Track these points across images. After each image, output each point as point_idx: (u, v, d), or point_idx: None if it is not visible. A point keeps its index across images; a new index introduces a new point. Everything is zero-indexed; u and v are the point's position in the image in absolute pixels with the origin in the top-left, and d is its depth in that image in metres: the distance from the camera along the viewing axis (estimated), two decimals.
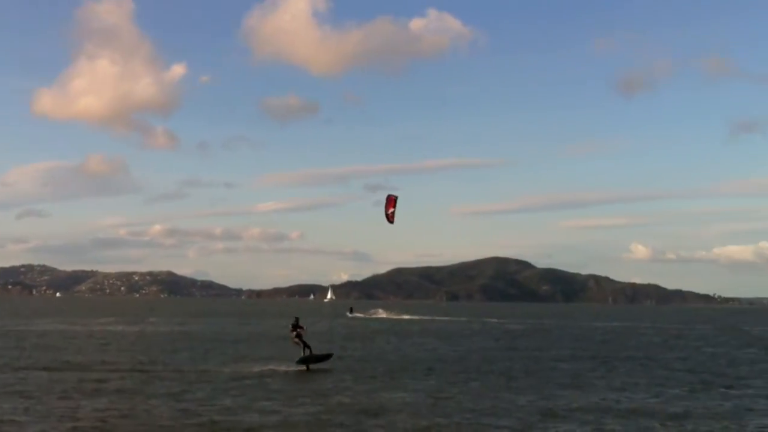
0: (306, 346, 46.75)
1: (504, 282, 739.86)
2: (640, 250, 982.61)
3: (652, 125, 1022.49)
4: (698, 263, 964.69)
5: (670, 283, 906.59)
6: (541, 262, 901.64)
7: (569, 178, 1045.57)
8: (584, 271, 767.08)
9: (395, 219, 46.51)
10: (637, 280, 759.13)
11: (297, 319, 48.28)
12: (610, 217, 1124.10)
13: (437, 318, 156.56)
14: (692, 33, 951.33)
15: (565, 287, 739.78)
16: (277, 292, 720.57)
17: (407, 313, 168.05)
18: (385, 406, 31.75)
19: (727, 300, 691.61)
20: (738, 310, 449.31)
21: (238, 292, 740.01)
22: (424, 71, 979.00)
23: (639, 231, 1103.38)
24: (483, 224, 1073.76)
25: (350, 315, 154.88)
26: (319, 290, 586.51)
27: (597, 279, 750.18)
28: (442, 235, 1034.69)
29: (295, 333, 47.16)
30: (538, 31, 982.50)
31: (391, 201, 46.52)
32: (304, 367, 45.34)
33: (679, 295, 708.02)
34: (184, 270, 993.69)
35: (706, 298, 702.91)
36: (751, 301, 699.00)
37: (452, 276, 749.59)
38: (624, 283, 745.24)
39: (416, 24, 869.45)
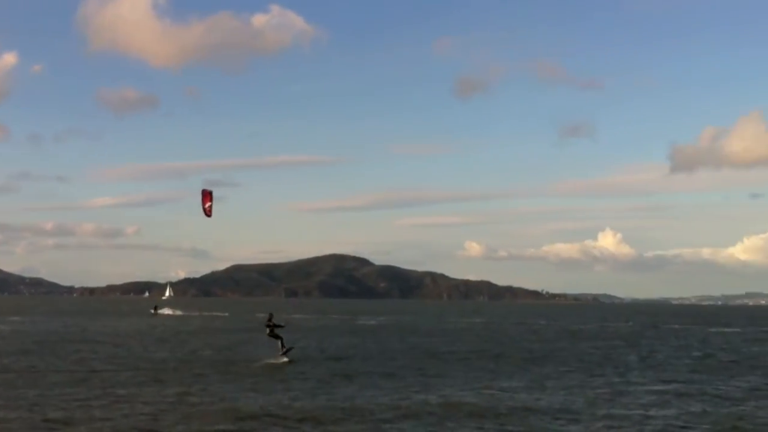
0: (280, 338, 51.29)
1: (342, 279, 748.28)
2: (473, 248, 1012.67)
3: (487, 126, 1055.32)
4: (528, 260, 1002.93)
5: (501, 280, 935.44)
6: (379, 260, 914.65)
7: (407, 177, 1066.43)
8: (421, 269, 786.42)
9: (213, 213, 46.78)
10: (471, 276, 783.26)
11: (271, 315, 52.78)
12: (446, 216, 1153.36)
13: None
14: (526, 38, 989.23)
15: (403, 284, 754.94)
16: (111, 289, 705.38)
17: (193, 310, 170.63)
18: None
19: (554, 296, 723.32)
20: (567, 305, 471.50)
21: (70, 289, 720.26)
22: (266, 67, 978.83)
23: (473, 229, 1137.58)
24: (322, 221, 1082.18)
25: (153, 313, 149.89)
26: (155, 287, 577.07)
27: (433, 276, 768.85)
28: (281, 232, 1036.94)
29: (269, 330, 51.62)
30: (380, 31, 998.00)
31: (207, 195, 46.99)
32: (286, 359, 49.79)
33: (510, 291, 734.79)
34: (11, 267, 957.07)
35: (536, 294, 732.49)
36: (576, 297, 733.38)
37: (291, 273, 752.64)
38: (458, 279, 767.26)
39: (258, 20, 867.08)
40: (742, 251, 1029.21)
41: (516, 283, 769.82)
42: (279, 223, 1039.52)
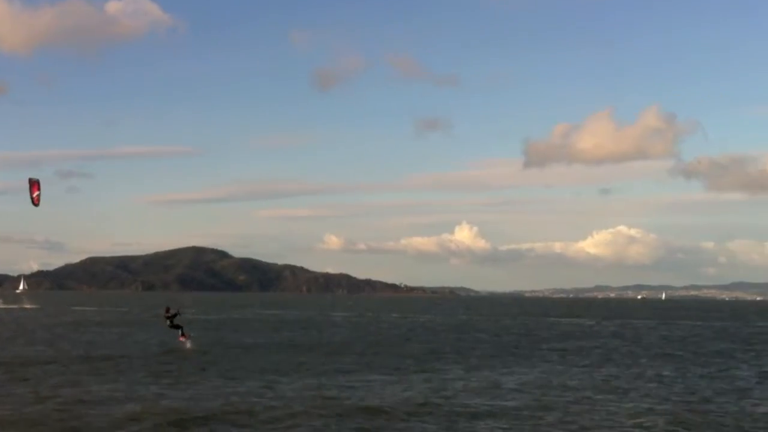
0: (180, 327, 58.02)
1: (201, 271, 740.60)
2: (333, 241, 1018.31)
3: (346, 120, 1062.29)
4: (387, 254, 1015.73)
5: (360, 273, 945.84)
6: (238, 252, 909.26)
7: (267, 169, 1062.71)
8: (281, 261, 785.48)
9: (40, 202, 47.53)
10: (330, 269, 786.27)
11: (168, 308, 58.77)
12: (306, 208, 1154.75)
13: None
14: (384, 32, 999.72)
15: (262, 277, 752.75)
16: None
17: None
18: None
19: (412, 289, 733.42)
20: (430, 299, 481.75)
21: None
22: (122, 55, 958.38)
23: (333, 222, 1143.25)
24: (180, 213, 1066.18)
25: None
26: (6, 280, 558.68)
27: (293, 269, 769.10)
28: (138, 224, 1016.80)
29: (168, 321, 58.18)
30: (237, 22, 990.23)
31: (34, 184, 47.49)
32: (189, 345, 56.77)
33: (369, 284, 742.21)
34: None
35: (394, 287, 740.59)
36: (433, 290, 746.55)
37: (148, 266, 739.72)
38: (318, 272, 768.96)
39: (113, 6, 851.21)
40: (591, 245, 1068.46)
41: (375, 276, 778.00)
42: (136, 215, 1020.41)
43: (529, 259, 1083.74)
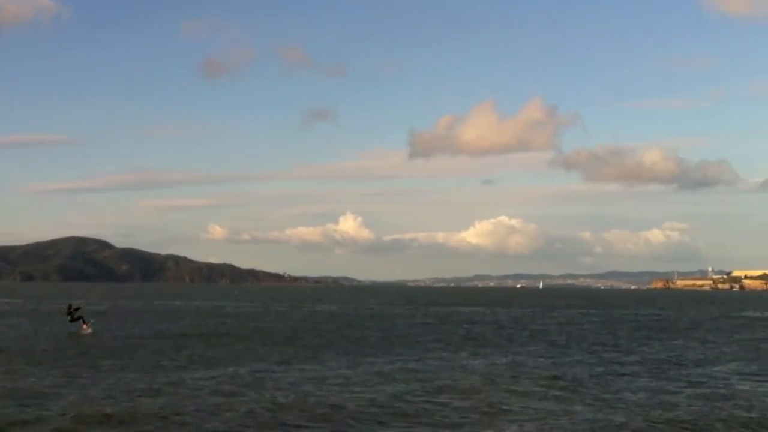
0: (81, 318, 64.41)
1: (82, 262, 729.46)
2: (217, 231, 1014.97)
3: (234, 110, 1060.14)
4: (271, 243, 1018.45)
5: (244, 263, 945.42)
6: (120, 242, 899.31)
7: (151, 158, 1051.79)
8: (164, 251, 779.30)
9: None
10: (214, 259, 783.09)
11: (70, 304, 65.61)
12: (190, 198, 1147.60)
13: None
14: (273, 23, 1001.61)
15: (145, 267, 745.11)
16: None
17: None
18: None
19: (296, 278, 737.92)
20: (313, 288, 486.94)
21: None
22: (4, 41, 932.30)
23: (217, 212, 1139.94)
24: (61, 202, 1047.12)
25: None
26: None
27: (176, 259, 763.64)
28: (17, 214, 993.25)
29: (70, 317, 64.41)
30: (126, 10, 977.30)
31: None
32: (90, 330, 62.48)
33: (253, 274, 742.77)
34: None
35: (277, 276, 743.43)
36: (317, 280, 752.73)
37: (27, 256, 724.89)
38: (201, 262, 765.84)
39: None
40: (473, 235, 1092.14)
41: (258, 266, 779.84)
42: (15, 204, 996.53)
43: (412, 249, 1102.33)
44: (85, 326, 63.88)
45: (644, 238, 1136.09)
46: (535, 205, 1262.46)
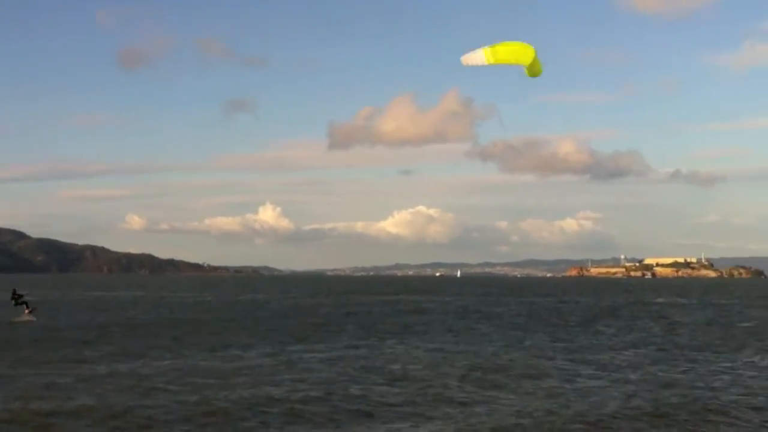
0: (25, 303, 67.93)
1: None
2: (135, 221, 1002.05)
3: (152, 100, 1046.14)
4: (190, 234, 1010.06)
5: (163, 253, 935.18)
6: (36, 232, 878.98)
7: (68, 149, 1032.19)
8: (81, 242, 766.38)
9: None
10: (132, 250, 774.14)
11: (14, 289, 68.32)
12: (108, 188, 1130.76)
13: None
14: (192, 13, 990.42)
15: (61, 258, 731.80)
16: None
17: None
18: None
19: (216, 268, 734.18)
20: (234, 278, 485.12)
21: None
22: None
23: (135, 202, 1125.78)
24: None
25: None
26: None
27: (93, 249, 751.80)
28: None
29: (14, 301, 67.81)
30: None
31: None
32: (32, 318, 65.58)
33: (173, 264, 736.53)
34: None
35: (197, 266, 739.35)
36: (237, 269, 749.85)
37: None
38: (120, 253, 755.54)
39: None
40: (392, 225, 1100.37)
41: (178, 256, 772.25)
42: None
43: (331, 238, 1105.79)
44: (27, 311, 66.75)
45: (559, 227, 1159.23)
46: (452, 195, 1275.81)
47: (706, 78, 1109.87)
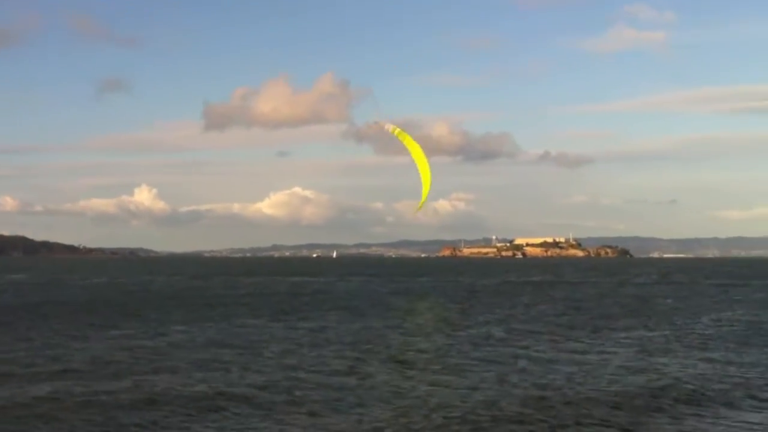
0: None
1: None
2: (7, 202, 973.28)
3: (21, 79, 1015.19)
4: (65, 215, 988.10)
5: (37, 235, 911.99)
6: None
7: None
8: None
9: None
10: (5, 231, 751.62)
11: None
12: None
13: None
14: None
15: None
16: None
17: None
18: None
19: (91, 250, 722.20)
20: (105, 259, 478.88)
21: None
22: None
23: (7, 183, 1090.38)
24: None
25: None
26: None
27: None
28: None
29: None
30: None
31: None
32: None
33: (47, 246, 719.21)
34: None
35: (73, 248, 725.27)
36: (113, 251, 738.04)
37: None
38: None
39: None
40: (268, 206, 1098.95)
41: (52, 237, 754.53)
42: None
43: (208, 220, 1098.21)
44: None
45: (432, 208, 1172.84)
46: (328, 176, 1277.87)
47: (573, 61, 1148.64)
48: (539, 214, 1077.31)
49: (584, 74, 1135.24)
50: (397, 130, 73.49)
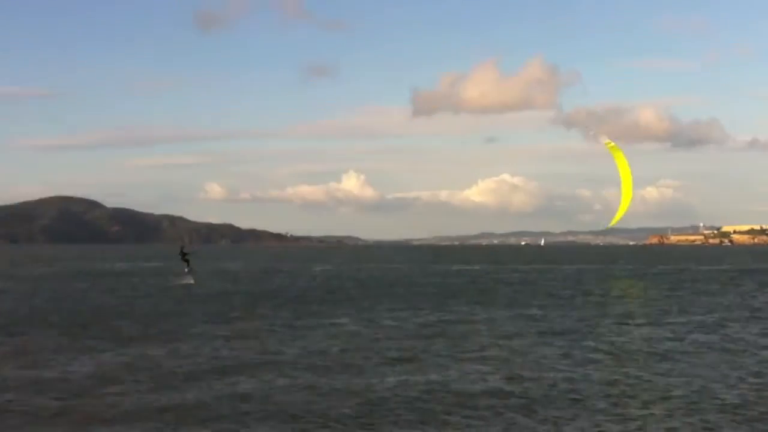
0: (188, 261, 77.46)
1: (70, 223, 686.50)
2: (215, 190, 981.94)
3: (228, 63, 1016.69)
4: (272, 203, 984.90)
5: (244, 223, 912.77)
6: (111, 202, 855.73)
7: (143, 115, 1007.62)
8: (158, 211, 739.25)
9: None
10: (213, 219, 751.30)
11: (182, 246, 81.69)
12: (185, 156, 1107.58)
13: None
14: None
15: (138, 228, 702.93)
16: None
17: None
18: None
19: (299, 238, 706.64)
20: (318, 248, 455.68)
21: None
22: None
23: (214, 170, 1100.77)
24: (44, 160, 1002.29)
25: None
26: None
27: (171, 219, 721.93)
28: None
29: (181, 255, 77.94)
30: None
31: None
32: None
33: (254, 234, 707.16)
34: None
35: (279, 236, 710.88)
36: (321, 239, 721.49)
37: (10, 217, 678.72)
38: (199, 223, 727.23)
39: None
40: (476, 194, 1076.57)
41: (259, 225, 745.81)
42: None
43: (416, 208, 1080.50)
44: (186, 270, 75.79)
45: (640, 195, 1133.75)
46: (536, 163, 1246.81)
47: None
48: (747, 201, 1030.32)
49: None
50: (611, 144, 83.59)
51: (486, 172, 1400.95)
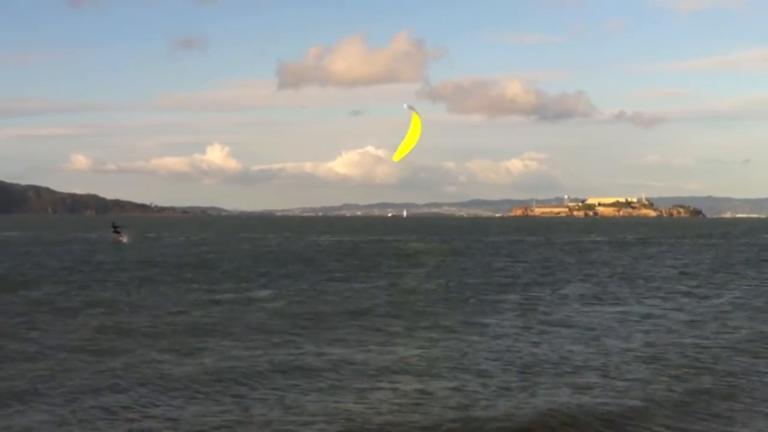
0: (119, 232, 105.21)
1: None
2: (80, 161, 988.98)
3: (96, 36, 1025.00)
4: (137, 174, 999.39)
5: (109, 193, 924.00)
6: None
7: (11, 86, 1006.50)
8: (23, 182, 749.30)
9: None
10: (78, 190, 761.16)
11: (113, 222, 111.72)
12: (51, 127, 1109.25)
13: None
14: None
15: (2, 198, 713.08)
16: None
17: None
18: None
19: (163, 209, 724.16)
20: (176, 218, 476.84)
21: None
22: None
23: (80, 141, 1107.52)
24: None
25: None
26: None
27: (37, 189, 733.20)
28: None
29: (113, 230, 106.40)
30: None
31: None
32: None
33: (119, 204, 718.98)
34: None
35: (144, 207, 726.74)
36: (185, 210, 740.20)
37: None
38: (64, 193, 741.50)
39: None
40: (341, 165, 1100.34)
41: (124, 196, 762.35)
42: None
43: (280, 179, 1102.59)
44: (122, 238, 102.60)
45: (505, 167, 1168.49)
46: (401, 135, 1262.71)
47: (651, 19, 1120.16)
48: (612, 174, 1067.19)
49: (662, 32, 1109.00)
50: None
51: (351, 144, 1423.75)
